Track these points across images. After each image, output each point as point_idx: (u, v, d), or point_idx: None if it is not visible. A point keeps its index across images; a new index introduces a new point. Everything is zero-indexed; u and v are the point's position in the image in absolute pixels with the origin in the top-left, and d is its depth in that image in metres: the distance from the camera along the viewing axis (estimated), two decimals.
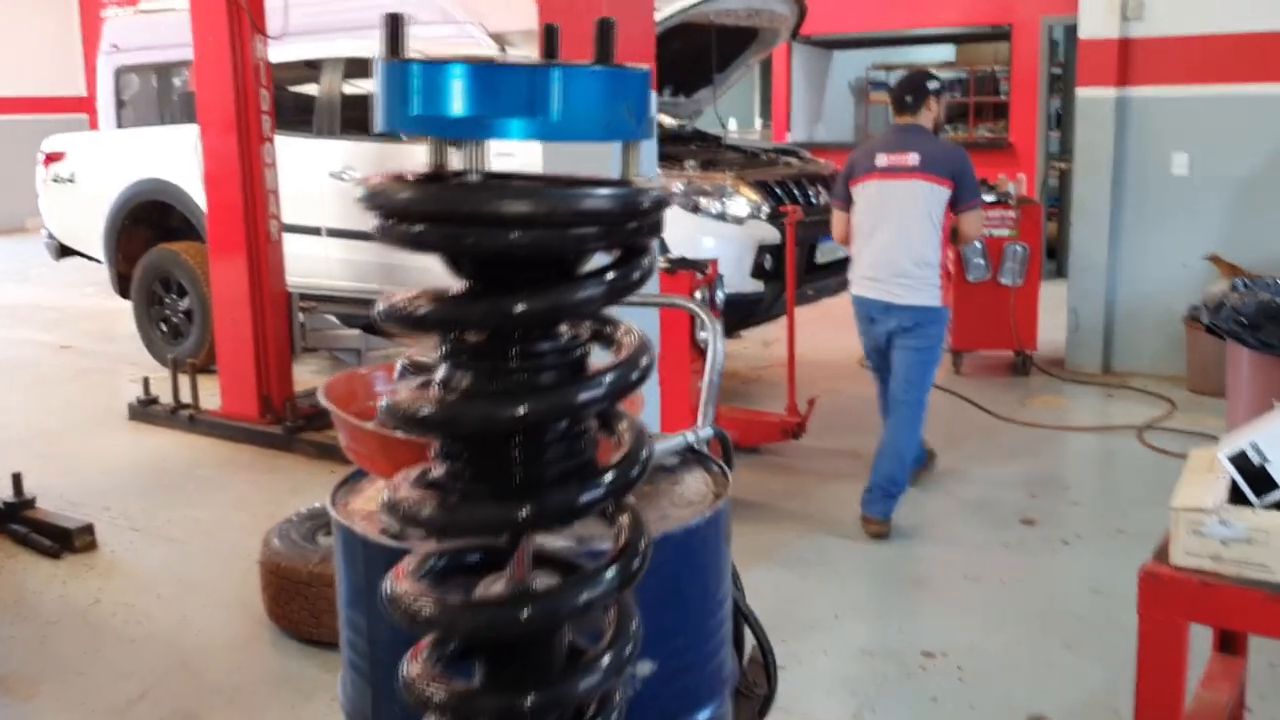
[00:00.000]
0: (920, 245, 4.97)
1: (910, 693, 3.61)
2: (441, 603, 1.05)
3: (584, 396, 1.06)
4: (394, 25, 0.95)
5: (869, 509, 5.03)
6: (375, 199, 0.96)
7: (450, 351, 1.09)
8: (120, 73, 9.79)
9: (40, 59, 16.70)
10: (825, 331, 8.39)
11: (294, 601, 3.91)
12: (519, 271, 1.00)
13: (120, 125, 9.69)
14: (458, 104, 0.90)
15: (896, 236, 4.99)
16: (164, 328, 8.10)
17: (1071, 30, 9.87)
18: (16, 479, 5.12)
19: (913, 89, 5.20)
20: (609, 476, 1.14)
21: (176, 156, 7.75)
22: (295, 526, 4.19)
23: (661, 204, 1.01)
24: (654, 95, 4.35)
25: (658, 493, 2.20)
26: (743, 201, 6.63)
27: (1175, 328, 7.31)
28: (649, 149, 4.54)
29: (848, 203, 5.24)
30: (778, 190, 6.88)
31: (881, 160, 5.09)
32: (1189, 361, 7.24)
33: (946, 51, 14.21)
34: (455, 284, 1.06)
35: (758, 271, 6.54)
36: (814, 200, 7.04)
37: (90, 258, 8.87)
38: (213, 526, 5.18)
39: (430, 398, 1.06)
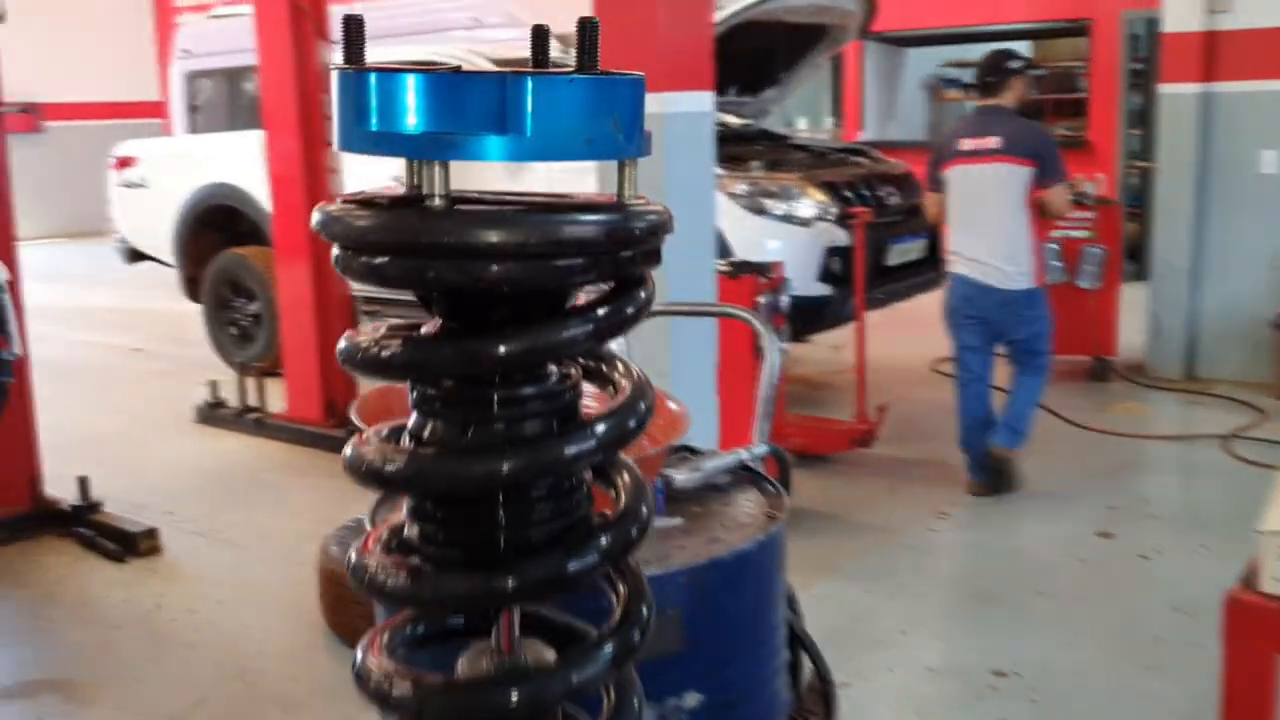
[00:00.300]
0: (1011, 227, 5.14)
1: (979, 714, 3.48)
2: (417, 684, 0.93)
3: (573, 450, 0.93)
4: (350, 29, 0.84)
5: (997, 439, 5.34)
6: (329, 226, 0.85)
7: (421, 399, 0.97)
8: (192, 78, 9.90)
9: (115, 64, 16.98)
10: (895, 336, 8.22)
11: (351, 610, 3.87)
12: (497, 308, 0.89)
13: (192, 130, 9.80)
14: (417, 119, 0.79)
15: (987, 221, 5.16)
16: (233, 331, 8.15)
17: (1153, 24, 9.60)
18: (83, 482, 5.16)
19: (994, 69, 5.28)
20: (605, 540, 1.00)
21: (243, 161, 7.80)
22: (354, 533, 4.15)
23: (659, 229, 0.88)
24: (707, 98, 4.25)
25: (708, 513, 2.11)
26: (810, 203, 6.50)
27: (1262, 332, 7.06)
28: (705, 166, 4.43)
29: (939, 187, 5.37)
30: (846, 191, 6.73)
31: (965, 145, 5.22)
32: (1277, 368, 6.99)
33: (1023, 48, 13.91)
34: (427, 322, 0.95)
35: (825, 275, 6.40)
36: (885, 201, 6.89)
37: (160, 261, 8.96)
38: (274, 531, 5.17)
39: (398, 451, 0.94)
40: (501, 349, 0.86)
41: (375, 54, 0.79)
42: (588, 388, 1.00)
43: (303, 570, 4.52)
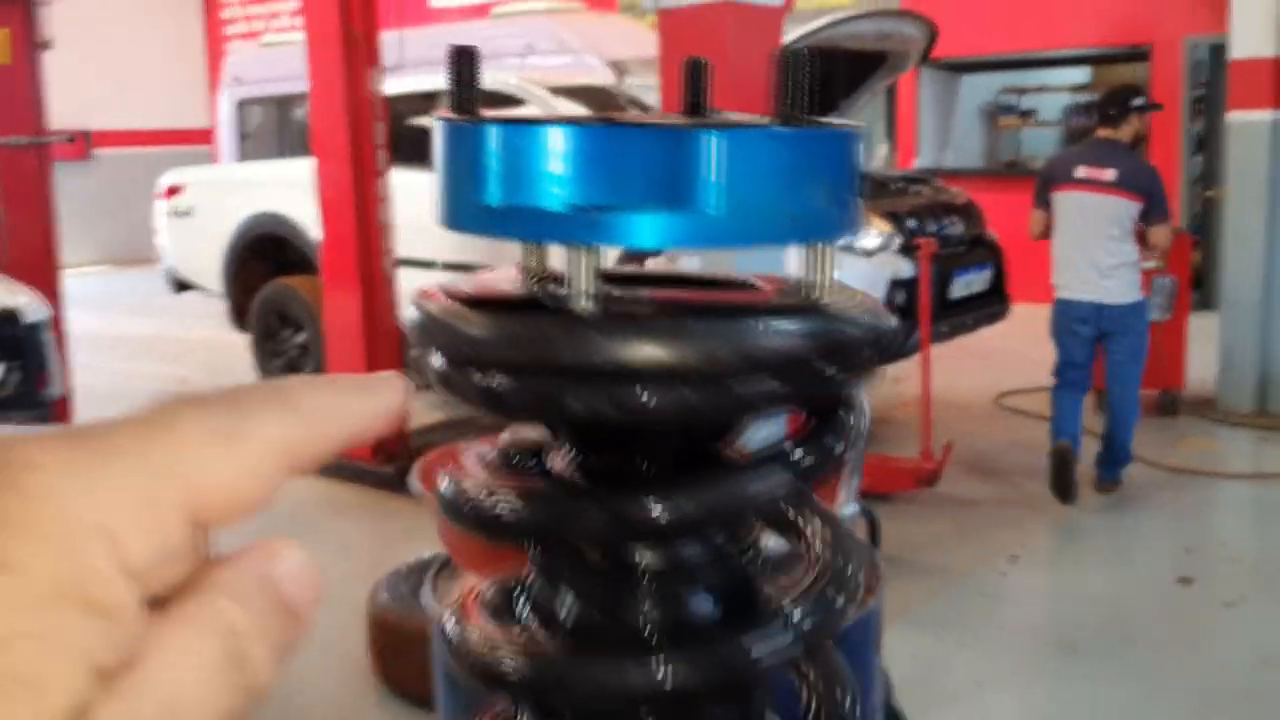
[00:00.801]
0: (1117, 251, 5.44)
1: None
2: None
3: (761, 649, 0.65)
4: (462, 65, 0.64)
5: (1104, 471, 5.69)
6: (434, 334, 0.64)
7: (544, 566, 0.71)
8: (242, 105, 9.85)
9: (165, 92, 17.01)
10: (959, 369, 7.99)
11: (402, 659, 3.71)
12: (657, 447, 0.67)
13: (242, 158, 9.72)
14: (561, 189, 0.59)
15: (1096, 246, 5.43)
16: (280, 362, 8.04)
17: (1216, 50, 9.37)
18: None
19: (1117, 103, 5.56)
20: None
21: (291, 190, 7.71)
22: (405, 579, 4.00)
23: (879, 336, 0.65)
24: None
25: None
26: (873, 233, 6.32)
27: None
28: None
29: (1047, 205, 5.58)
30: (910, 221, 6.55)
31: (1080, 172, 5.46)
32: None
33: (1081, 74, 13.66)
34: (555, 457, 0.71)
35: (889, 307, 6.20)
36: (948, 231, 6.70)
37: (207, 291, 8.88)
38: (320, 572, 5.01)
39: (514, 641, 0.68)
40: (666, 514, 0.61)
41: (422, 82, 0.62)
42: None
43: (347, 614, 4.37)
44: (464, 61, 0.62)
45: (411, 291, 0.69)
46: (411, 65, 6.95)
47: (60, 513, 0.33)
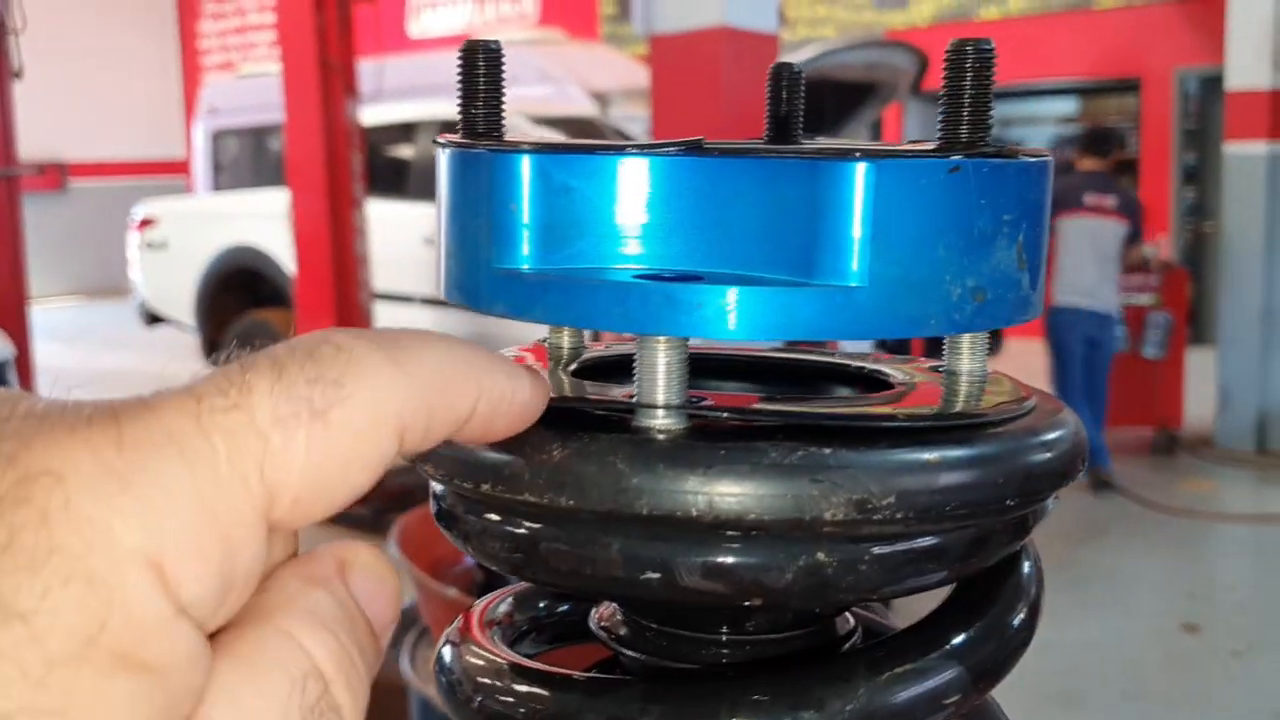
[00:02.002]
0: (1111, 269, 6.45)
1: None
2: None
3: None
4: (479, 65, 0.43)
5: (1106, 463, 6.38)
6: (430, 453, 0.40)
7: None
8: (218, 136, 9.71)
9: (140, 123, 16.85)
10: None
11: (378, 714, 3.50)
12: (748, 622, 0.45)
13: (217, 189, 9.59)
14: (624, 245, 0.39)
15: (1100, 262, 6.39)
16: None
17: (1207, 82, 9.30)
18: None
19: (1108, 140, 6.81)
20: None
21: (265, 223, 7.55)
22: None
23: (1081, 459, 0.43)
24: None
25: None
26: None
27: None
28: None
29: (1051, 231, 6.18)
30: None
31: (1090, 200, 6.41)
32: None
33: (1069, 105, 13.61)
34: (605, 618, 0.50)
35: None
36: None
37: (180, 324, 8.71)
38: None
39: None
40: None
41: (400, 112, 0.42)
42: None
43: None
44: (481, 62, 0.43)
45: (386, 324, 0.50)
46: (390, 95, 6.79)
47: (87, 539, 0.26)
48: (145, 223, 8.72)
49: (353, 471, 0.30)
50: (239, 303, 8.09)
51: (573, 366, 0.48)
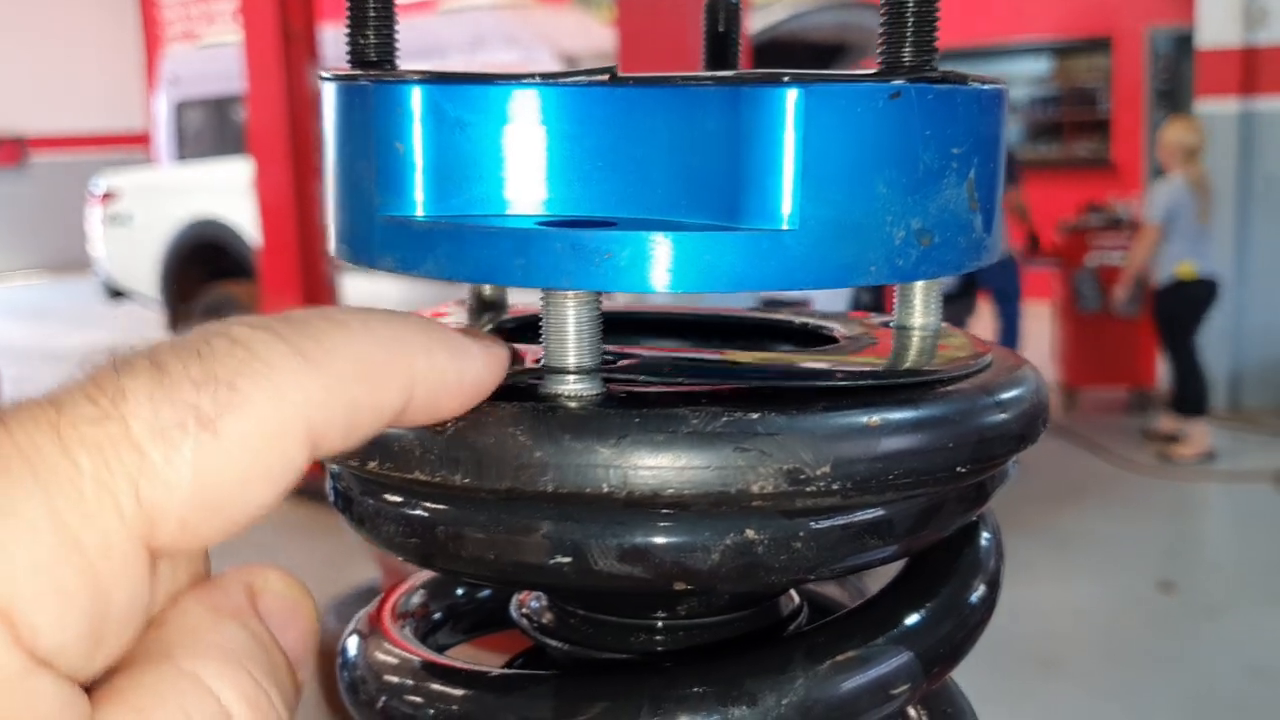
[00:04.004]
0: None
1: None
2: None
3: None
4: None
5: None
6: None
7: None
8: (181, 107, 9.58)
9: (102, 94, 16.62)
10: None
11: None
12: (675, 612, 0.41)
13: (181, 160, 9.48)
14: (533, 191, 0.34)
15: None
16: None
17: (1179, 41, 9.28)
18: None
19: None
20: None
21: (229, 194, 7.46)
22: (352, 603, 3.77)
23: (1042, 418, 0.39)
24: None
25: None
26: None
27: None
28: None
29: None
30: None
31: None
32: None
33: (1041, 65, 13.58)
34: (529, 609, 0.45)
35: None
36: None
37: (144, 298, 8.62)
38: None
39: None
40: None
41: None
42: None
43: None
44: None
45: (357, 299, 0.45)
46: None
47: None
48: (107, 196, 8.60)
49: (252, 487, 0.26)
50: (204, 276, 8.00)
51: (488, 327, 0.44)
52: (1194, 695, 3.75)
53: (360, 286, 6.74)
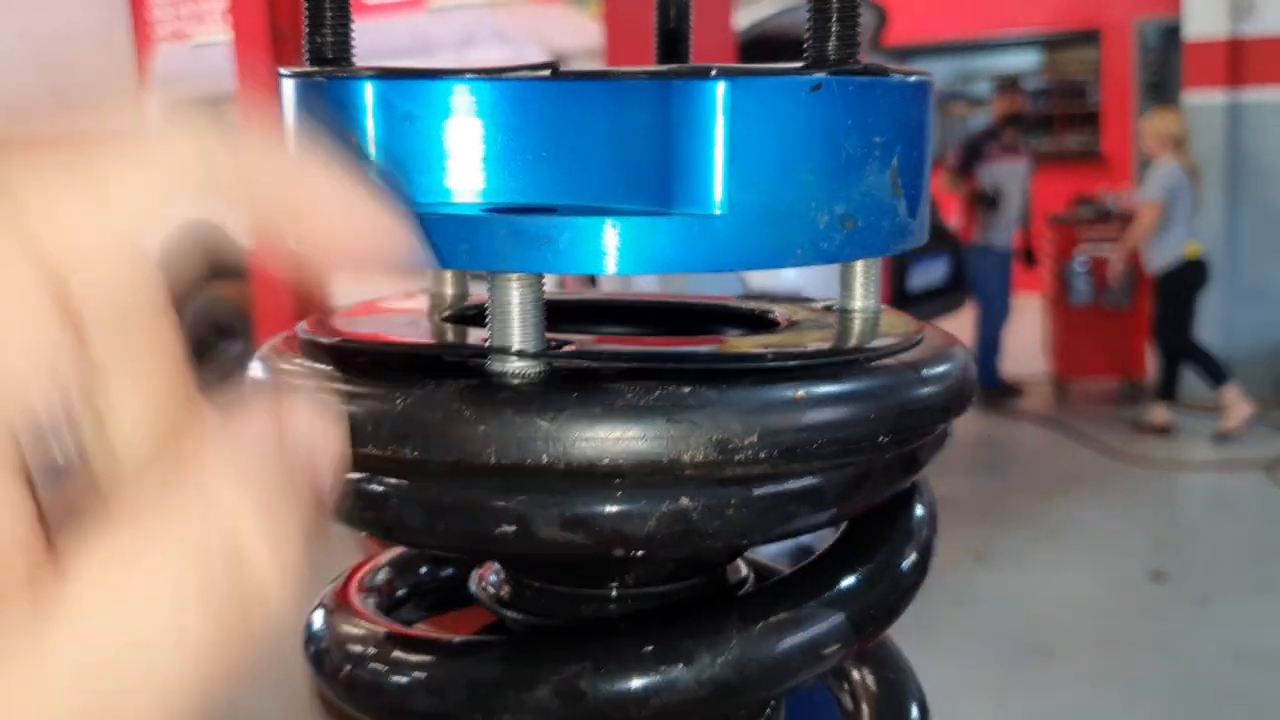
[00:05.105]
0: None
1: None
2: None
3: None
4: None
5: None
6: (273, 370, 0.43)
7: None
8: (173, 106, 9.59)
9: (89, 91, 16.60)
10: None
11: None
12: (627, 575, 0.43)
13: None
14: (477, 180, 0.36)
15: None
16: (216, 375, 7.78)
17: (1167, 33, 9.30)
18: None
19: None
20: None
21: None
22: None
23: (968, 393, 0.41)
24: None
25: None
26: None
27: None
28: None
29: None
30: None
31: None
32: None
33: (1030, 58, 13.59)
34: (485, 581, 0.47)
35: None
36: None
37: None
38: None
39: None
40: (653, 694, 0.37)
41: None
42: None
43: (289, 640, 4.16)
44: None
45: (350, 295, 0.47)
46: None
47: None
48: None
49: (132, 250, 0.24)
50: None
51: (447, 313, 0.46)
52: (1184, 682, 3.77)
53: (352, 286, 6.74)
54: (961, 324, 6.90)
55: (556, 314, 0.40)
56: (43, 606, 0.21)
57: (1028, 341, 7.57)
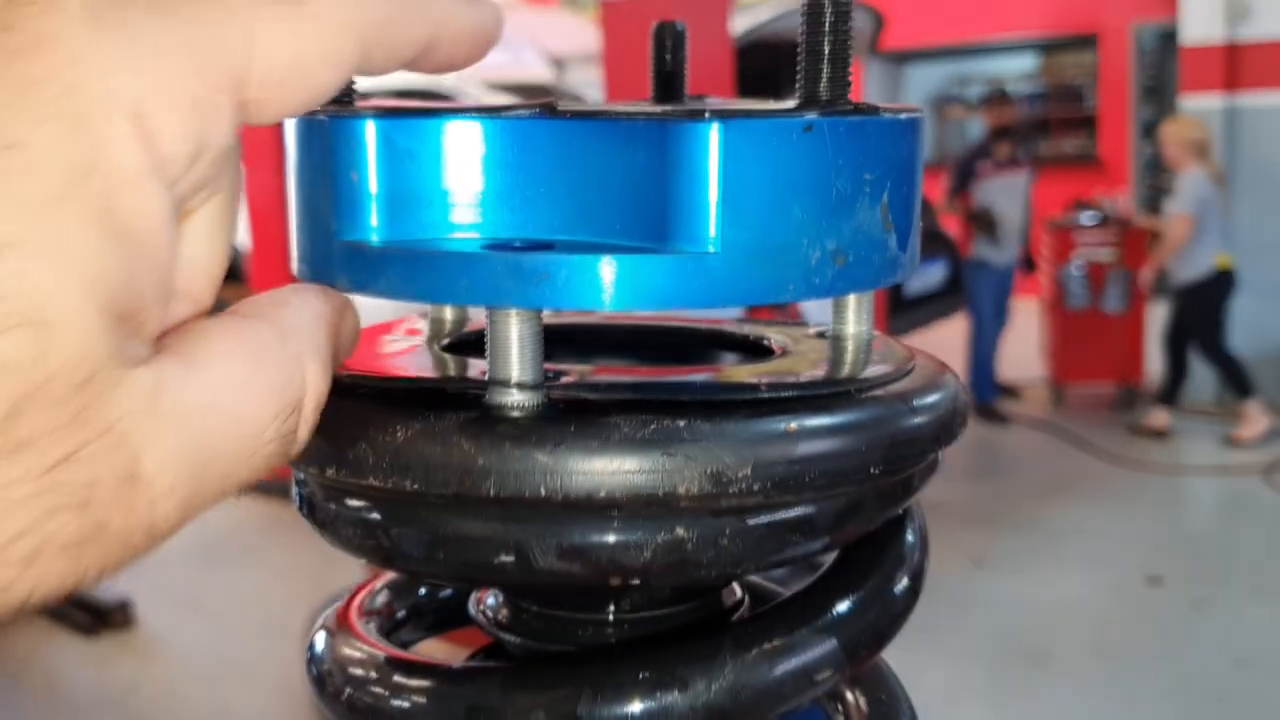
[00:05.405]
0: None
1: None
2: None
3: None
4: None
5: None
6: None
7: None
8: None
9: None
10: None
11: None
12: (621, 602, 0.44)
13: None
14: (476, 216, 0.37)
15: None
16: None
17: (1164, 37, 9.31)
18: None
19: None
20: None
21: None
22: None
23: (959, 421, 0.42)
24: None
25: None
26: None
27: None
28: None
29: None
30: None
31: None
32: None
33: (1027, 62, 13.61)
34: (486, 606, 0.48)
35: None
36: None
37: None
38: (256, 598, 4.80)
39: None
40: (640, 718, 0.37)
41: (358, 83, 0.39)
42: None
43: (286, 643, 4.16)
44: None
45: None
46: None
47: (78, 77, 0.24)
48: None
49: (323, 66, 0.29)
50: None
51: (446, 341, 0.47)
52: (1180, 686, 3.78)
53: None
54: (956, 334, 6.92)
55: (555, 338, 0.41)
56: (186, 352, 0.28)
57: (1025, 346, 7.57)
